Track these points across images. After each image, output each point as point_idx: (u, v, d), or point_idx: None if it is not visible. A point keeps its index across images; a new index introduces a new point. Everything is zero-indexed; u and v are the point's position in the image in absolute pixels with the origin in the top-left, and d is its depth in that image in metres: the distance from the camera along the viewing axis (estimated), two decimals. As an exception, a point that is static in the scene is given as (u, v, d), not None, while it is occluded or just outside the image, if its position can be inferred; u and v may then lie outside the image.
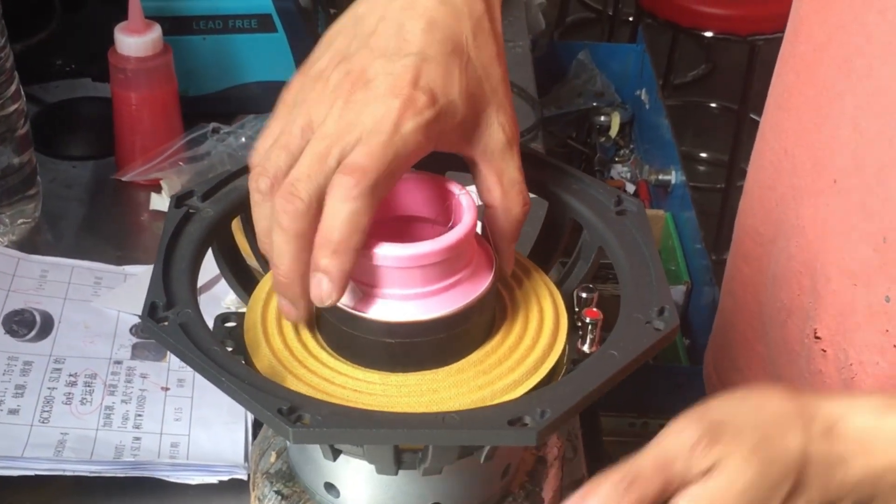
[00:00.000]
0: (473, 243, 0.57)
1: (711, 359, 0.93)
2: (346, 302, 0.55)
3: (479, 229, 0.58)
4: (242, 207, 0.62)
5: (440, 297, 0.55)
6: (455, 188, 0.58)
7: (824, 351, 0.73)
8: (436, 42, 0.54)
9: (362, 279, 0.55)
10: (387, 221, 0.59)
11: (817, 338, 0.73)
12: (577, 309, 0.58)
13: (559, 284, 0.63)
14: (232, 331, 0.59)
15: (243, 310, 0.60)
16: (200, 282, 0.59)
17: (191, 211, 0.62)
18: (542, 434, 0.49)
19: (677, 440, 0.52)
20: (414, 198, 0.59)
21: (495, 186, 0.57)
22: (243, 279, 0.64)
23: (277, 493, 0.61)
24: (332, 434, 0.50)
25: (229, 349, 0.57)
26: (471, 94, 0.55)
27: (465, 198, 0.57)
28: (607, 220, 0.61)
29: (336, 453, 0.55)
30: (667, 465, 0.51)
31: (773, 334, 0.80)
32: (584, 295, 0.57)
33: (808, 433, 0.53)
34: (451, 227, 0.56)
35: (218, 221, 0.62)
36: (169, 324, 0.54)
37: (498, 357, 0.57)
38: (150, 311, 0.55)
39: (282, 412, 0.49)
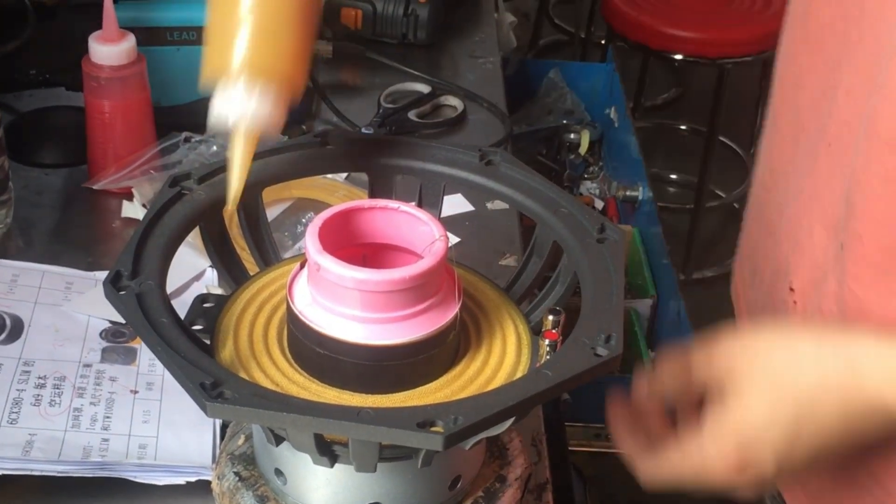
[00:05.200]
0: (443, 272, 0.58)
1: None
2: (311, 318, 0.57)
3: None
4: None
5: (404, 324, 0.57)
6: (423, 216, 0.59)
7: (795, 303, 0.75)
8: None
9: (332, 300, 0.56)
10: (358, 248, 0.60)
11: (791, 290, 0.75)
12: (543, 330, 0.59)
13: (536, 306, 0.64)
14: (207, 311, 0.60)
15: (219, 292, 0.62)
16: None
17: (183, 192, 0.63)
18: (449, 439, 0.50)
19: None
20: (386, 226, 0.61)
21: None
22: (229, 263, 0.66)
23: (236, 474, 0.62)
24: (245, 413, 0.51)
25: (199, 328, 0.59)
26: None
27: (435, 226, 0.58)
28: (587, 245, 0.62)
29: (279, 439, 0.57)
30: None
31: (760, 291, 0.82)
32: (551, 317, 0.58)
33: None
34: (419, 254, 0.58)
35: (209, 205, 0.63)
36: (126, 292, 0.56)
37: (460, 384, 0.58)
38: (113, 278, 0.57)
39: (204, 386, 0.51)
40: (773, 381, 0.60)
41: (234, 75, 0.57)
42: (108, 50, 0.99)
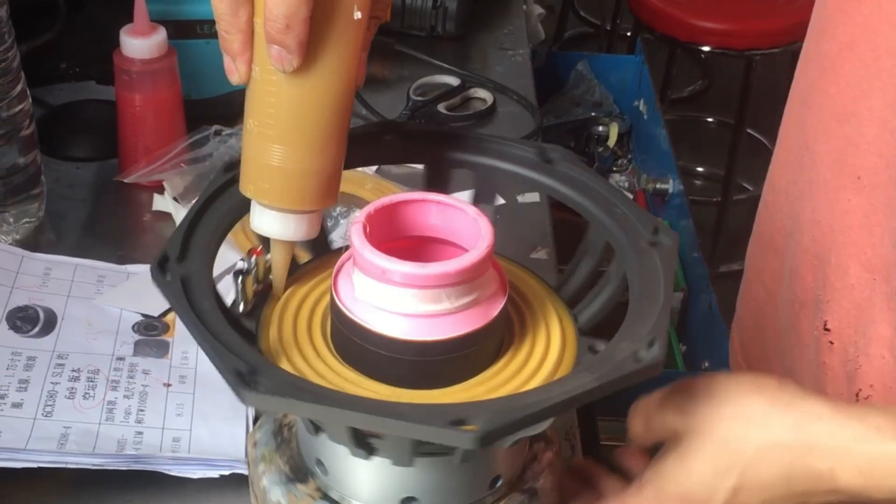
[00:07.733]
0: (489, 265, 0.58)
1: (739, 348, 0.93)
2: (356, 312, 0.56)
3: None
4: None
5: (451, 319, 0.56)
6: (469, 209, 0.59)
7: (831, 343, 0.74)
8: None
9: (377, 294, 0.56)
10: (403, 241, 0.60)
11: (826, 329, 0.74)
12: None
13: (586, 305, 0.63)
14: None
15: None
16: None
17: (237, 178, 0.62)
18: (482, 439, 0.49)
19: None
20: (430, 219, 0.60)
21: None
22: None
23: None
24: (280, 403, 0.50)
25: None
26: None
27: (481, 218, 0.58)
28: (639, 248, 0.61)
29: (317, 429, 0.56)
30: None
31: (786, 325, 0.81)
32: None
33: (775, 438, 0.57)
34: (464, 248, 0.57)
35: None
36: (171, 276, 0.56)
37: (502, 378, 0.58)
38: (160, 261, 0.56)
39: (240, 373, 0.50)
40: (718, 444, 0.58)
41: (267, 204, 0.59)
42: (139, 43, 0.99)
